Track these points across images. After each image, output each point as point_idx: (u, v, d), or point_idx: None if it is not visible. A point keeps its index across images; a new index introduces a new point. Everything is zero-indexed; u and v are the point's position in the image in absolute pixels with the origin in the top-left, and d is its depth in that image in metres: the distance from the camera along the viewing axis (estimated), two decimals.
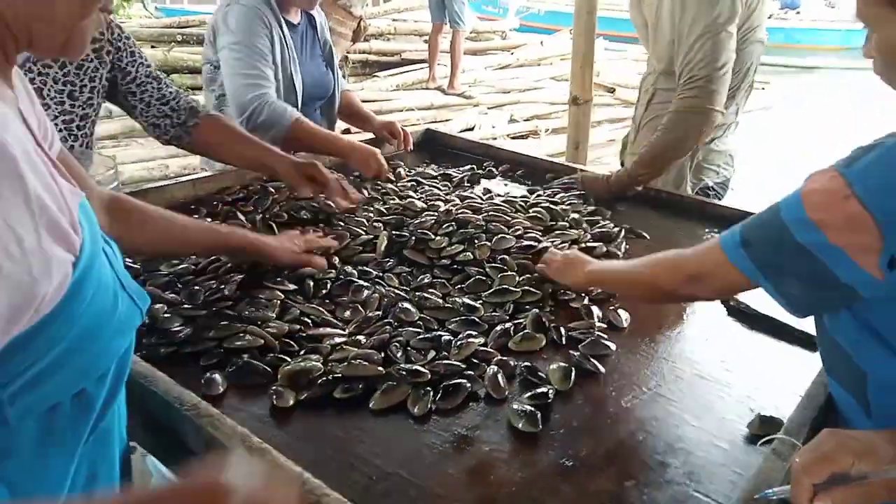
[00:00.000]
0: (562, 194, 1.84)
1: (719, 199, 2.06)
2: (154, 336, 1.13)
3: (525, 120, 6.04)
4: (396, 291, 1.30)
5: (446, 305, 1.26)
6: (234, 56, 1.85)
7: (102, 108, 1.64)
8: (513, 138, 5.67)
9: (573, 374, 1.09)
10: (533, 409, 1.00)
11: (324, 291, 1.30)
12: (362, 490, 0.85)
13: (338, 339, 1.13)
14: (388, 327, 1.17)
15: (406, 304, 1.24)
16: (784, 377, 1.12)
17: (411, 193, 1.77)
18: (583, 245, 1.52)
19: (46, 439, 0.66)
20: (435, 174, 1.98)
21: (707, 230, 1.71)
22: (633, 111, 2.35)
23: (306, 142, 1.89)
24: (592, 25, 2.90)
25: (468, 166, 2.08)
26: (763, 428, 0.99)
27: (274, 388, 1.02)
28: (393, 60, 6.62)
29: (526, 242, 1.47)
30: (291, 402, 1.00)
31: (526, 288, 1.32)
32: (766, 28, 1.98)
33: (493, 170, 2.09)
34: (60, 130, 1.50)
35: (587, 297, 1.32)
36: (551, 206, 1.70)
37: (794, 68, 10.87)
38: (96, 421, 0.72)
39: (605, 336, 1.20)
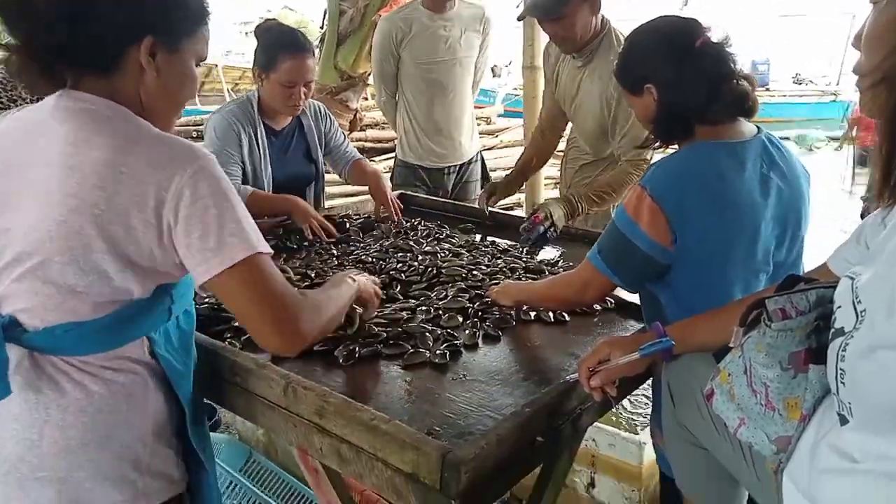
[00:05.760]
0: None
1: None
2: None
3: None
4: None
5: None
6: None
7: None
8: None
9: (479, 335, 1.60)
10: (447, 351, 1.50)
11: None
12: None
13: None
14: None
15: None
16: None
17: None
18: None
19: None
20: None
21: None
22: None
23: (259, 207, 2.27)
24: (536, 107, 3.58)
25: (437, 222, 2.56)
26: None
27: None
28: (387, 146, 7.33)
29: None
30: None
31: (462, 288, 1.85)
32: None
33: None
34: None
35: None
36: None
37: None
38: None
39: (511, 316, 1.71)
